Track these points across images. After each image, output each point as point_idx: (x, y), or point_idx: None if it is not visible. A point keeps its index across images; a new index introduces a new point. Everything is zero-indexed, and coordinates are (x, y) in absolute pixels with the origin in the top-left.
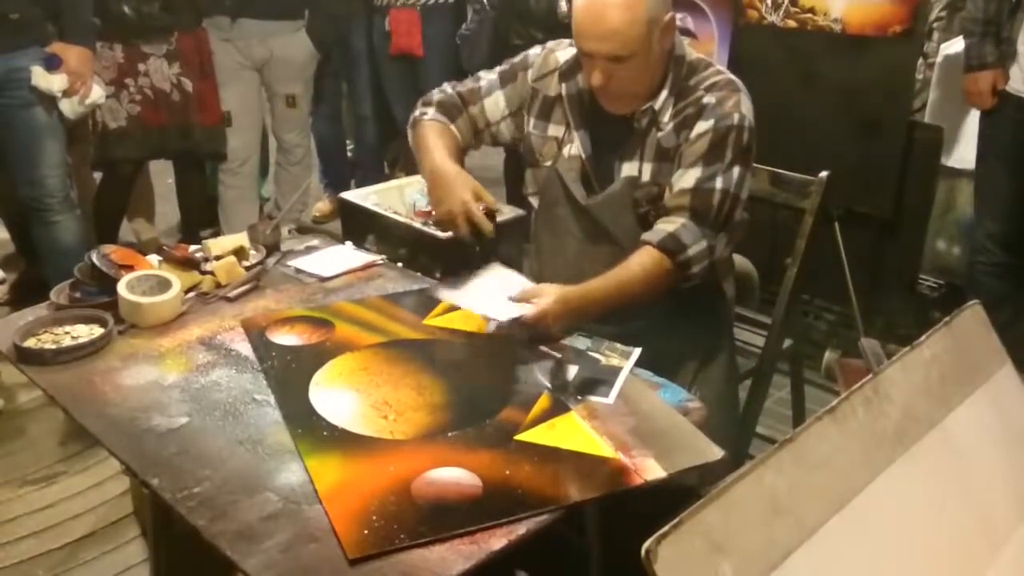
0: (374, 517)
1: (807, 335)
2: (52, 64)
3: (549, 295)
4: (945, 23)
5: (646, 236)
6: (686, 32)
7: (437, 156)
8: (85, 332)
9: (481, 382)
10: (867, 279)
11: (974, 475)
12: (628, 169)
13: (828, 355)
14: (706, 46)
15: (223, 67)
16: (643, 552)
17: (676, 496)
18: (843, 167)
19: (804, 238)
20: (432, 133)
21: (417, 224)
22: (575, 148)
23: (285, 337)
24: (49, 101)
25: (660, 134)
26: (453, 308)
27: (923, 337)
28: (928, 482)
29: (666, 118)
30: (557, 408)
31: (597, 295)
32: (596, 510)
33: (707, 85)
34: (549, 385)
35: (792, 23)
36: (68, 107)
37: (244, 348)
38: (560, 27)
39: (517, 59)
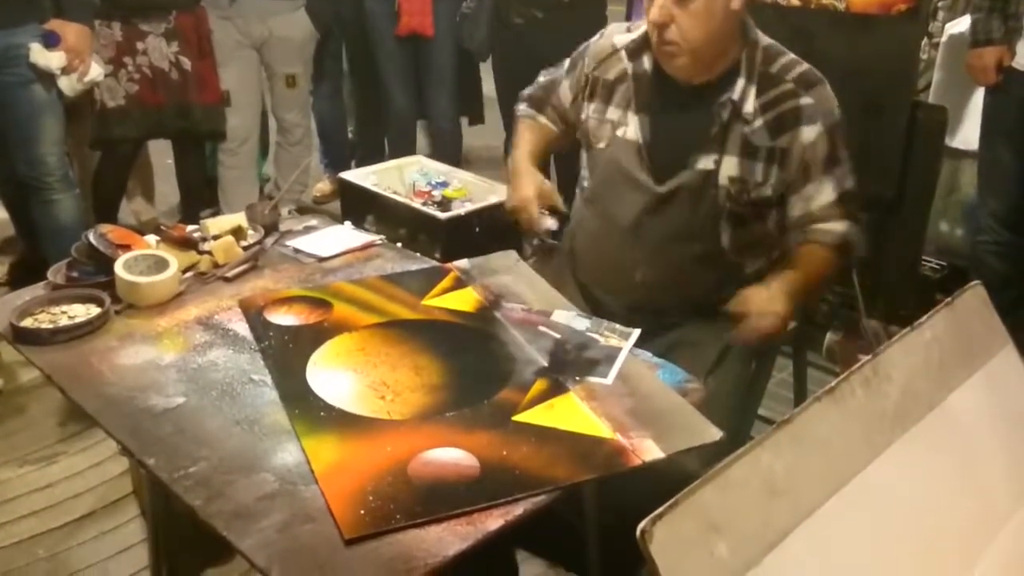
0: (370, 497)
1: (809, 316)
2: (50, 41)
3: (767, 298)
4: (950, 2)
5: (814, 236)
6: None
7: (518, 152)
8: (82, 312)
9: (479, 363)
10: (870, 260)
11: (974, 456)
12: (704, 161)
13: (830, 336)
14: None
15: (222, 46)
16: (639, 532)
17: (675, 478)
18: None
19: None
20: (522, 129)
21: (416, 204)
22: (631, 132)
23: (283, 317)
24: (48, 78)
25: (747, 128)
26: (451, 288)
27: (924, 318)
28: (927, 463)
29: (750, 108)
30: (556, 389)
31: (798, 288)
32: (594, 492)
33: (794, 77)
34: (548, 365)
35: (795, 1)
36: (67, 84)
37: (241, 328)
38: (560, 6)
39: (580, 48)
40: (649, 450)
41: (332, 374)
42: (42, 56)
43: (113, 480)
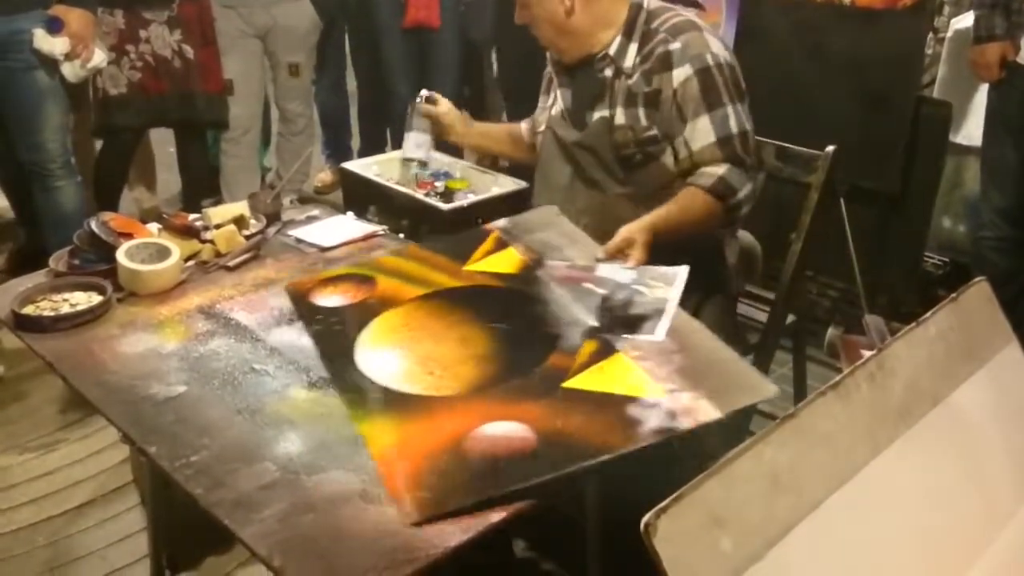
0: (430, 478)
1: (810, 311)
2: (54, 27)
3: (633, 232)
4: None
5: (694, 180)
6: (693, 3)
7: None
8: (84, 300)
9: (526, 328)
10: (872, 256)
11: (978, 453)
12: (599, 114)
13: (831, 332)
14: (713, 17)
15: (225, 34)
16: (642, 526)
17: (676, 469)
18: (850, 142)
19: (809, 213)
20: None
21: (419, 195)
22: (558, 106)
23: (329, 298)
24: (51, 64)
25: (629, 81)
26: (494, 250)
27: (928, 314)
28: (931, 459)
29: (629, 63)
30: (604, 350)
31: (666, 223)
32: (596, 485)
33: (667, 28)
34: (596, 324)
35: None
36: (70, 71)
37: (243, 317)
38: None
39: None
40: (704, 410)
41: (380, 353)
42: (45, 42)
43: (113, 468)
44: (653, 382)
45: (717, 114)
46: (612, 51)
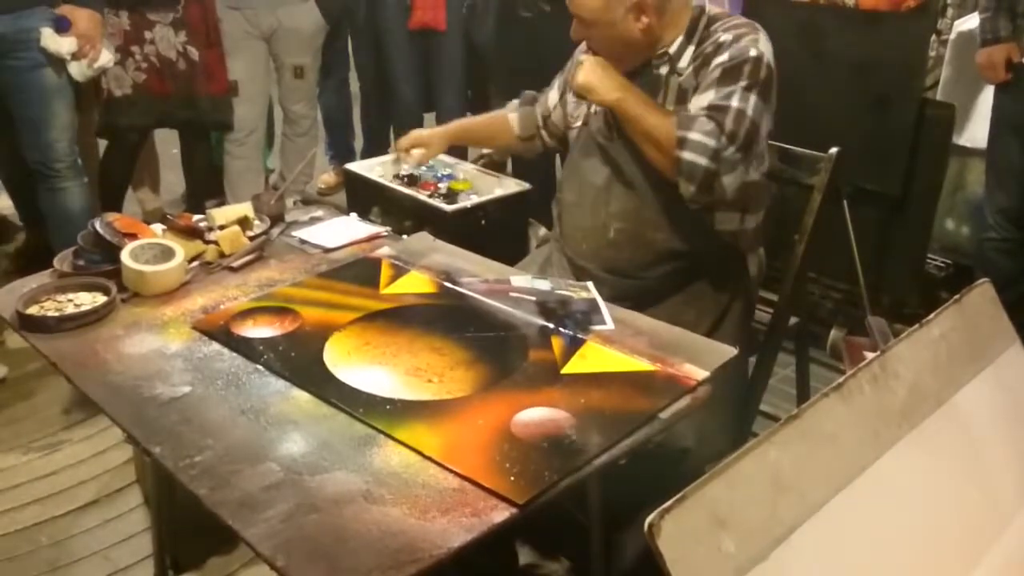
0: (507, 464)
1: (813, 313)
2: (61, 26)
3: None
4: None
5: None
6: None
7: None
8: (88, 300)
9: (489, 333)
10: (875, 257)
11: (981, 453)
12: None
13: (834, 333)
14: None
15: (231, 36)
16: (646, 526)
17: (679, 470)
18: (853, 144)
19: (812, 215)
20: (485, 115)
21: (422, 196)
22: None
23: (257, 330)
24: (58, 64)
25: (680, 78)
26: (396, 276)
27: (932, 315)
28: (934, 460)
29: (685, 63)
30: (574, 341)
31: (633, 102)
32: (597, 485)
33: (726, 27)
34: (549, 324)
35: None
36: (77, 70)
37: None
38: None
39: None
40: (695, 372)
41: (360, 371)
42: (53, 41)
43: (116, 468)
44: (636, 359)
45: (725, 90)
46: (672, 50)
